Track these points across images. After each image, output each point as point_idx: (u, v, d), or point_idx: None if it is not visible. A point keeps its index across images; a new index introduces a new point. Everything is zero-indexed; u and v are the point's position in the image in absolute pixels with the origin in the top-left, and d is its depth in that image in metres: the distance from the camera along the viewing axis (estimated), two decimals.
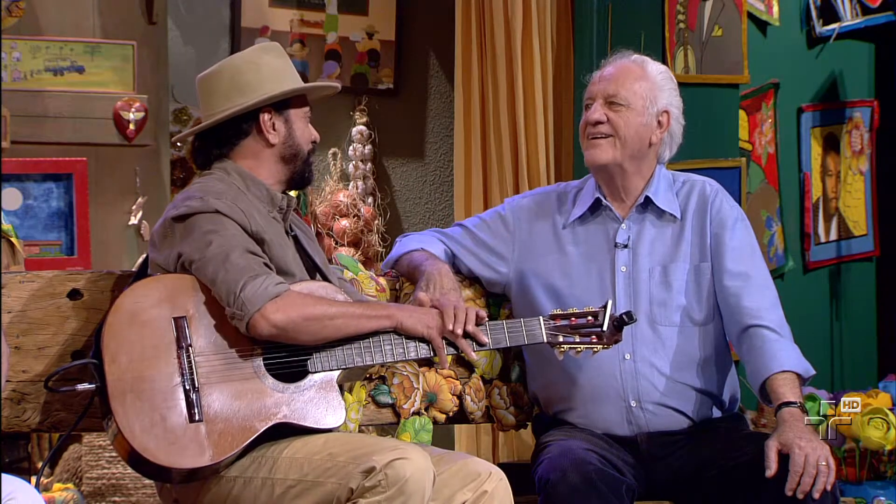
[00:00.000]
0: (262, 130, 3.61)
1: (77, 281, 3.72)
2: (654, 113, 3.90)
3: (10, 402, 3.62)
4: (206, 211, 3.47)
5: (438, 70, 6.24)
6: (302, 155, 3.65)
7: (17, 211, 5.21)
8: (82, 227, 5.27)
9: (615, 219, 3.93)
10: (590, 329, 3.60)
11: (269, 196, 3.62)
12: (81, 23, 5.47)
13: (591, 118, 3.88)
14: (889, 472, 5.35)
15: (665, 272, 3.88)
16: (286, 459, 3.39)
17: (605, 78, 3.92)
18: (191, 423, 3.36)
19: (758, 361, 3.78)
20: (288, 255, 3.59)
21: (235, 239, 3.46)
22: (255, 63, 3.60)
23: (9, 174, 5.13)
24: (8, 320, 3.63)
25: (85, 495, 4.71)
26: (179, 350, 3.41)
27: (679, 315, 3.86)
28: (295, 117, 3.64)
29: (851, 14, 6.30)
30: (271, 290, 3.41)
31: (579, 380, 3.85)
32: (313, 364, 3.48)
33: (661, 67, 3.98)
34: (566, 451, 3.66)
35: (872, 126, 6.48)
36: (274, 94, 3.58)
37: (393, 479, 3.27)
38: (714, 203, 3.93)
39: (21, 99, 5.33)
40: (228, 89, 3.59)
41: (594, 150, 3.89)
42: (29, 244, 5.09)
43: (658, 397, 3.81)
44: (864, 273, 6.53)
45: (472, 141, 5.53)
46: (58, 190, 5.28)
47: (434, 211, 6.31)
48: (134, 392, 3.36)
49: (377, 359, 3.53)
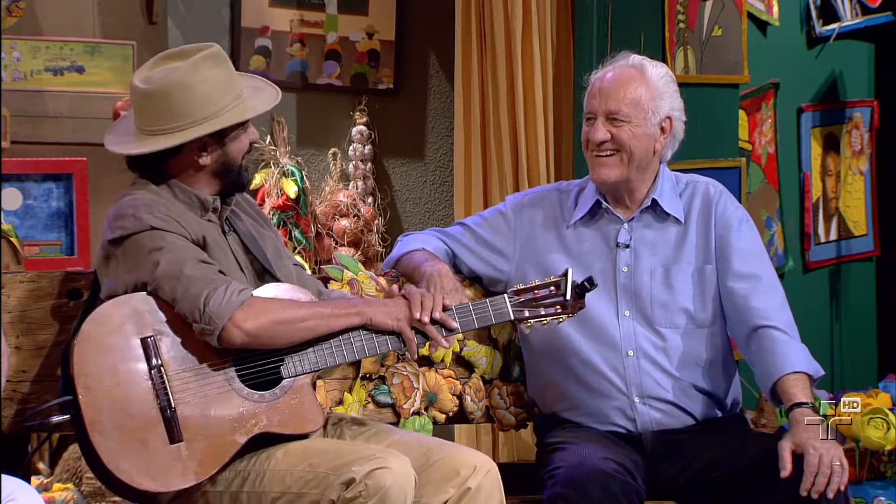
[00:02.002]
0: (191, 155, 3.52)
1: (77, 281, 3.72)
2: (656, 122, 3.88)
3: (10, 402, 3.62)
4: (142, 230, 3.41)
5: (438, 70, 6.23)
6: (234, 167, 3.56)
7: (17, 211, 5.21)
8: (82, 227, 5.26)
9: (617, 219, 3.93)
10: (553, 299, 3.61)
11: (199, 202, 3.54)
12: (81, 23, 5.46)
13: (595, 138, 3.86)
14: (889, 472, 5.35)
15: (667, 273, 3.88)
16: (269, 472, 3.38)
17: (605, 92, 3.86)
18: (171, 444, 3.33)
19: (768, 362, 3.78)
20: (228, 257, 3.55)
21: (182, 252, 3.40)
22: (187, 86, 3.47)
23: (9, 174, 5.13)
24: (8, 320, 3.63)
25: (85, 495, 4.70)
26: (151, 371, 3.36)
27: (681, 317, 3.86)
28: (230, 137, 3.54)
29: (851, 14, 6.30)
30: (235, 299, 3.37)
31: (581, 376, 3.84)
32: (286, 369, 3.45)
33: (661, 70, 3.93)
34: (583, 460, 3.63)
35: (872, 126, 6.48)
36: (201, 132, 3.47)
37: (373, 489, 3.25)
38: (718, 204, 3.93)
39: (21, 99, 5.32)
40: (160, 114, 3.48)
41: (602, 169, 3.87)
42: (29, 244, 5.08)
43: (661, 393, 3.81)
44: (864, 273, 6.53)
45: (472, 141, 5.53)
46: (58, 190, 5.27)
47: (434, 211, 6.31)
48: (111, 420, 3.32)
49: (349, 357, 3.51)
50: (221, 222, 3.59)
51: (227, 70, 3.55)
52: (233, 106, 3.52)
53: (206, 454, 3.35)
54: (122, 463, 3.31)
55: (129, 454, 3.31)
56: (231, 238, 3.60)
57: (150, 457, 3.32)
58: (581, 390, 3.86)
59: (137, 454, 3.31)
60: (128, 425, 3.33)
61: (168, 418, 3.34)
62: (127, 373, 3.36)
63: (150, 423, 3.34)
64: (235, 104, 3.53)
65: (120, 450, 3.31)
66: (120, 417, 3.33)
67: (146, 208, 3.44)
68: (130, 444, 3.32)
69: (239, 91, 3.56)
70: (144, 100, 3.49)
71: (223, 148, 3.54)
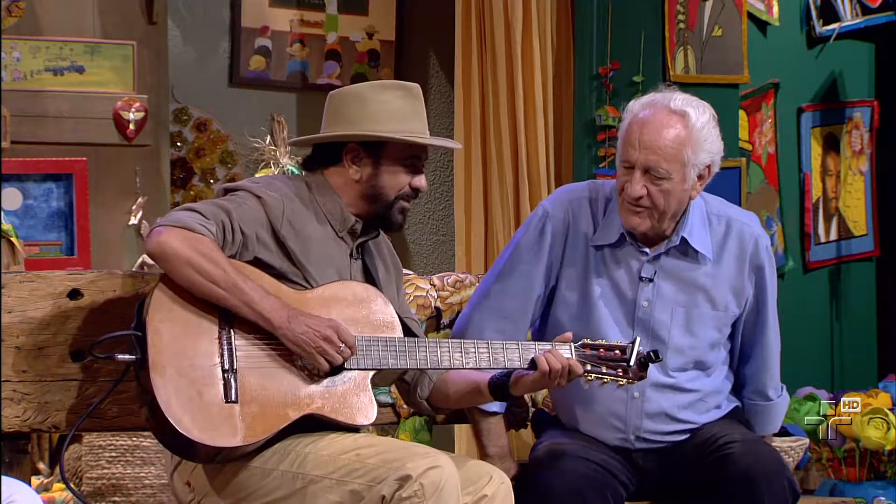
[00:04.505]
0: (345, 165, 3.57)
1: (77, 281, 3.72)
2: (695, 174, 3.68)
3: (10, 402, 3.62)
4: (251, 192, 3.50)
5: (438, 70, 6.24)
6: (384, 200, 3.56)
7: (17, 211, 5.21)
8: (82, 227, 5.27)
9: (643, 252, 3.77)
10: (616, 362, 3.56)
11: (341, 214, 3.57)
12: (81, 23, 5.46)
13: (632, 193, 3.65)
14: (889, 472, 5.35)
15: (688, 316, 3.77)
16: (311, 454, 3.38)
17: (645, 144, 3.63)
18: (226, 403, 3.36)
19: (754, 424, 3.91)
20: (333, 259, 3.56)
21: (240, 209, 3.46)
22: (361, 97, 3.55)
23: (9, 174, 5.13)
24: (8, 320, 3.63)
25: (85, 495, 4.71)
26: (221, 331, 3.41)
27: (694, 363, 3.79)
28: (387, 162, 3.55)
29: (851, 14, 6.30)
30: (189, 220, 3.38)
31: (586, 404, 3.80)
32: (350, 361, 3.47)
33: (705, 117, 3.68)
34: (561, 460, 3.64)
35: (872, 126, 6.48)
36: (353, 133, 3.54)
37: (430, 489, 3.25)
38: (752, 247, 3.81)
39: (21, 99, 5.32)
40: (333, 114, 3.58)
41: (633, 219, 3.69)
42: (29, 244, 5.08)
43: (659, 436, 3.78)
44: (864, 273, 6.53)
45: (472, 141, 5.53)
46: (58, 190, 5.28)
47: (434, 211, 6.31)
48: (174, 366, 3.35)
49: (411, 363, 3.51)
50: (353, 245, 3.61)
51: (412, 107, 3.59)
52: (396, 133, 3.54)
53: (257, 420, 3.36)
54: (175, 406, 3.33)
55: (185, 400, 3.33)
56: (355, 264, 3.62)
57: (203, 409, 3.34)
58: (582, 414, 3.82)
59: (191, 403, 3.33)
60: (189, 375, 3.35)
61: (228, 379, 3.37)
62: (199, 325, 3.40)
63: (210, 379, 3.36)
64: (401, 133, 3.55)
65: (175, 394, 3.34)
66: (183, 365, 3.36)
67: (268, 187, 3.52)
68: (187, 392, 3.34)
69: (413, 129, 3.57)
70: (330, 100, 3.60)
71: (376, 170, 3.56)
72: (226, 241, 3.44)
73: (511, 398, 3.61)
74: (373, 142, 3.54)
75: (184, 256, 3.38)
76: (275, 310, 3.41)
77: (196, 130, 6.03)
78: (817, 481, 5.45)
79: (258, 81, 6.08)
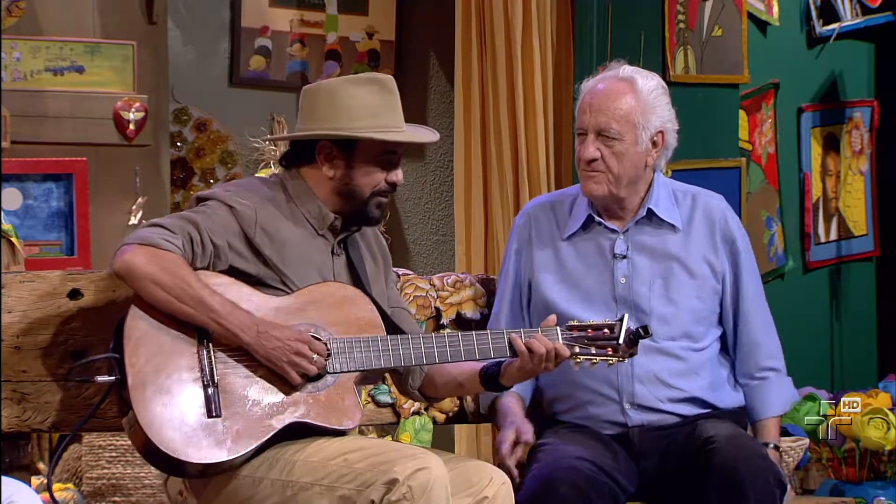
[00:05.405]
0: (319, 164, 3.55)
1: (77, 281, 3.72)
2: (647, 138, 3.82)
3: (10, 402, 3.62)
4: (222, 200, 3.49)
5: (438, 70, 6.24)
6: (360, 198, 3.55)
7: (17, 211, 5.21)
8: (82, 227, 5.26)
9: (612, 230, 3.88)
10: (605, 341, 3.58)
11: (319, 213, 3.56)
12: (81, 23, 5.46)
13: (585, 156, 3.81)
14: (889, 472, 5.35)
15: (666, 285, 3.85)
16: (300, 462, 3.38)
17: (595, 107, 3.80)
18: (209, 418, 3.35)
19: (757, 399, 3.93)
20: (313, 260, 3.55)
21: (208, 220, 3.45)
22: (333, 93, 3.52)
23: (9, 174, 5.13)
24: (8, 320, 3.63)
25: (85, 495, 4.71)
26: (200, 345, 3.39)
27: (680, 330, 3.84)
28: (360, 160, 3.53)
29: (851, 14, 6.31)
30: (154, 237, 3.38)
31: (577, 381, 3.84)
32: (332, 364, 3.46)
33: (653, 83, 3.85)
34: (557, 460, 3.65)
35: (872, 126, 6.48)
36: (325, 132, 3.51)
37: (418, 490, 3.25)
38: (723, 221, 3.90)
39: (21, 99, 5.32)
40: (306, 111, 3.55)
41: (590, 184, 3.82)
42: (29, 244, 5.08)
43: (653, 401, 3.81)
44: (864, 273, 6.53)
45: (472, 141, 5.53)
46: (58, 190, 5.28)
47: (434, 211, 6.31)
48: (154, 385, 3.35)
49: (395, 362, 3.51)
50: (334, 241, 3.60)
51: (385, 101, 3.54)
52: (368, 129, 3.52)
53: (241, 433, 3.35)
54: (157, 425, 3.32)
55: (166, 419, 3.32)
56: (338, 261, 3.61)
57: (187, 426, 3.33)
58: (575, 394, 3.85)
59: (174, 420, 3.33)
60: (169, 392, 3.35)
61: (209, 394, 3.36)
62: (177, 341, 3.39)
63: (191, 395, 3.35)
64: (373, 131, 3.52)
65: (157, 413, 3.33)
66: (162, 384, 3.35)
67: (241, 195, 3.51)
68: (169, 409, 3.33)
69: (387, 123, 3.54)
70: (303, 96, 3.58)
71: (349, 169, 3.54)
72: (195, 253, 3.43)
73: (503, 388, 3.61)
74: (345, 140, 3.52)
75: (149, 275, 3.37)
76: (244, 325, 3.39)
77: (196, 130, 6.03)
78: (817, 481, 5.45)
79: (258, 81, 6.08)
